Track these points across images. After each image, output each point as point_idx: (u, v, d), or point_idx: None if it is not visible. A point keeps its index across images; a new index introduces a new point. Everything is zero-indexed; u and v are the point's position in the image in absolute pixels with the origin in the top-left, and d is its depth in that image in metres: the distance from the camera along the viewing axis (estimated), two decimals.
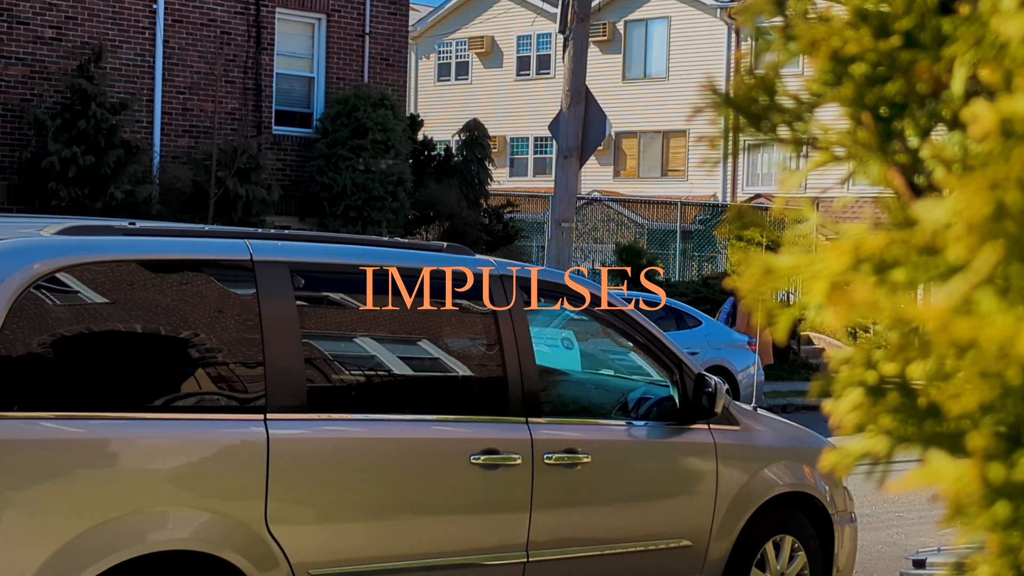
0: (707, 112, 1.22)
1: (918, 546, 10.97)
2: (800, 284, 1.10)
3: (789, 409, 21.33)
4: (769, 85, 1.19)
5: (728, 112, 1.20)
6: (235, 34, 21.88)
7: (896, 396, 1.09)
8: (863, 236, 1.07)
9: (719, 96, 1.18)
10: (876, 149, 1.10)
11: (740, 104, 1.18)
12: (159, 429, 5.30)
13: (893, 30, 1.09)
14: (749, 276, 1.13)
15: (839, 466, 1.18)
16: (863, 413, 1.11)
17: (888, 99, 1.10)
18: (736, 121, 1.21)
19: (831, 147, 1.13)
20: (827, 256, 1.08)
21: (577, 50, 18.13)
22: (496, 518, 6.26)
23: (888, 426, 1.11)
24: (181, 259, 5.59)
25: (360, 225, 21.49)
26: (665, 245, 32.05)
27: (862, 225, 1.10)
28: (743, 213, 1.18)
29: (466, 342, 6.74)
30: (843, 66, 1.12)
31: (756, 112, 1.17)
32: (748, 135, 1.23)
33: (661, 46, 41.41)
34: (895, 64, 1.09)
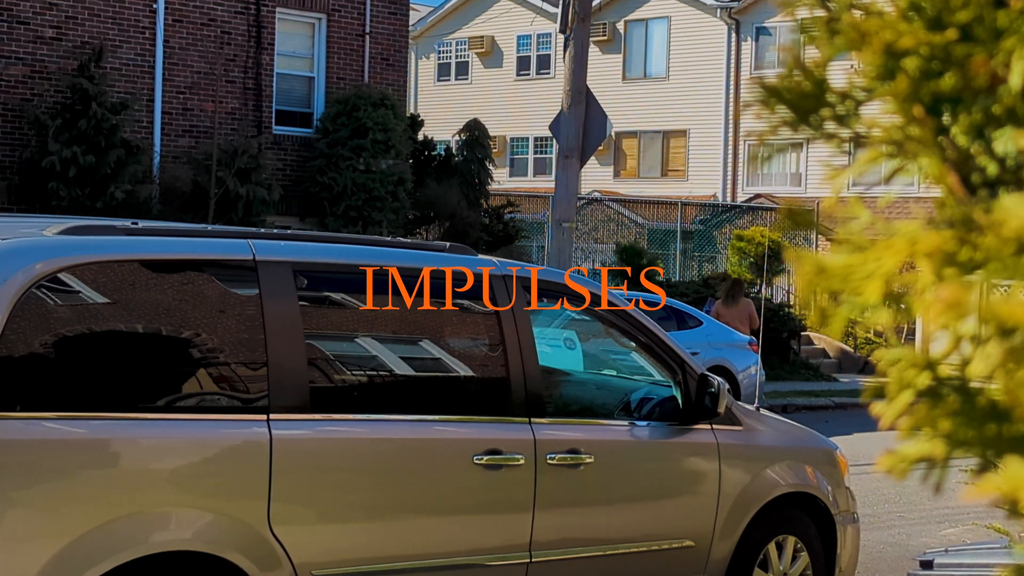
0: (755, 107, 1.19)
1: (920, 546, 10.96)
2: (853, 284, 1.08)
3: (789, 409, 21.32)
4: (818, 79, 1.17)
5: (774, 107, 1.18)
6: (235, 34, 21.86)
7: (955, 399, 1.06)
8: (918, 234, 1.05)
9: (768, 90, 1.16)
10: (931, 145, 1.08)
11: (790, 99, 1.16)
12: (162, 429, 5.29)
13: (948, 23, 1.07)
14: (802, 275, 1.11)
15: (895, 470, 1.15)
16: (919, 416, 1.09)
17: (942, 94, 1.08)
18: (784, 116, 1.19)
19: (883, 143, 1.11)
20: (881, 255, 1.06)
21: (578, 50, 18.11)
22: (499, 518, 6.25)
23: (946, 429, 1.08)
24: (184, 259, 5.58)
25: (360, 225, 21.47)
26: (665, 245, 32.03)
27: (915, 223, 1.08)
28: (793, 213, 1.16)
29: (469, 342, 6.73)
30: (896, 60, 1.10)
31: (806, 107, 1.15)
32: (797, 131, 1.21)
33: (661, 46, 41.39)
34: (950, 58, 1.07)
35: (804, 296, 1.13)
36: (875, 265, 1.08)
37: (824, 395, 23.93)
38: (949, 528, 11.98)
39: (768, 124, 1.19)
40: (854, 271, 1.08)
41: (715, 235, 33.17)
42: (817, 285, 1.10)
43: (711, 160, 40.12)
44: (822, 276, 1.09)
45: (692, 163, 40.67)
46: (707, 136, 40.19)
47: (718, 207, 35.30)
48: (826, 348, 29.39)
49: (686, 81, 40.49)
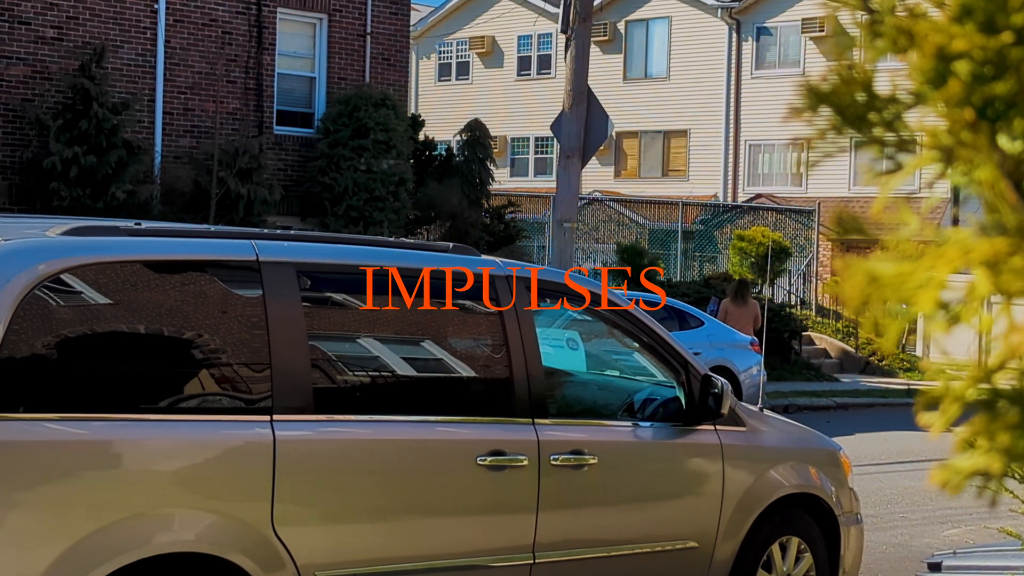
0: (802, 112, 1.17)
1: (923, 547, 10.95)
2: (906, 294, 1.05)
3: (791, 409, 21.31)
4: (867, 82, 1.14)
5: (815, 109, 1.15)
6: (236, 34, 21.84)
7: (1017, 412, 1.04)
8: (971, 242, 1.03)
9: (816, 94, 1.14)
10: (986, 150, 1.06)
11: (839, 103, 1.14)
12: (165, 430, 5.27)
13: (1003, 26, 1.05)
14: (854, 285, 1.08)
15: (949, 484, 1.13)
16: (976, 428, 1.07)
17: (996, 98, 1.06)
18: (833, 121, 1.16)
19: (934, 148, 1.08)
20: (934, 264, 1.04)
21: (579, 50, 18.10)
22: (502, 519, 6.24)
23: (1005, 443, 1.06)
24: (187, 260, 5.56)
25: (361, 225, 21.45)
26: (666, 245, 32.02)
27: (966, 230, 1.05)
28: (843, 219, 1.14)
29: (472, 343, 6.72)
30: (946, 64, 1.07)
31: (855, 111, 1.13)
32: (845, 135, 1.18)
33: (662, 46, 41.37)
34: (1005, 62, 1.05)
35: (855, 306, 1.10)
36: (928, 274, 1.05)
37: (826, 395, 23.91)
38: (952, 529, 11.97)
39: (816, 129, 1.17)
40: (907, 280, 1.05)
41: (716, 235, 33.16)
42: (869, 295, 1.08)
43: (712, 160, 40.10)
44: (874, 285, 1.06)
45: (693, 163, 40.65)
46: (708, 136, 40.16)
47: (719, 207, 35.28)
48: (827, 348, 29.37)
49: (687, 81, 40.47)
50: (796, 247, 32.33)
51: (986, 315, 1.07)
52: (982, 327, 1.06)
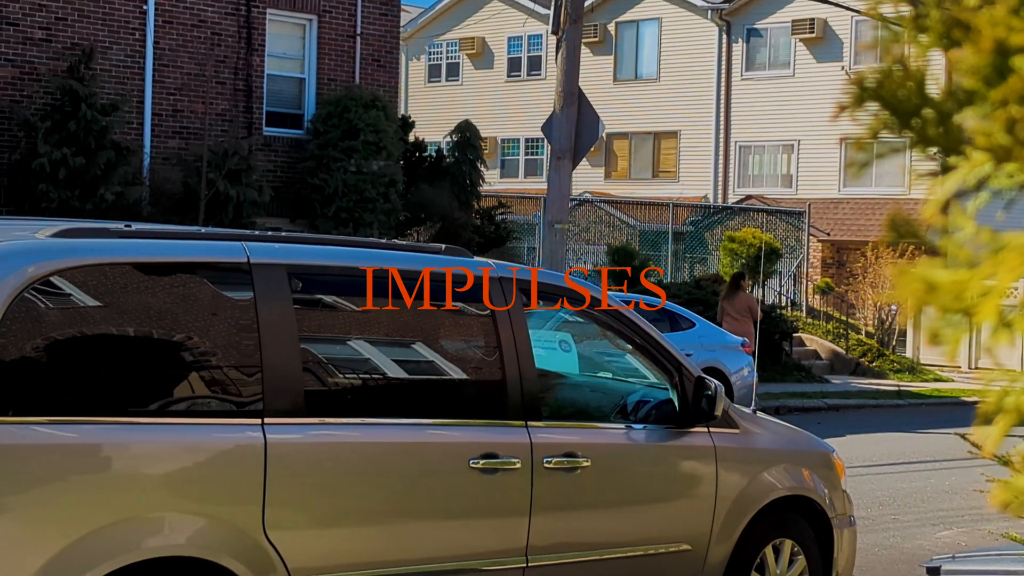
0: (850, 110, 1.12)
1: (915, 549, 10.93)
2: (967, 303, 1.01)
3: (782, 411, 21.29)
4: (919, 79, 1.10)
5: (862, 104, 1.11)
6: (225, 35, 21.78)
7: None
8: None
9: (866, 91, 1.10)
10: None
11: (890, 100, 1.09)
12: (155, 434, 5.24)
13: None
14: (911, 293, 1.04)
15: (1013, 505, 1.08)
16: None
17: None
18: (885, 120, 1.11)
19: (987, 148, 1.04)
20: (995, 271, 1.00)
21: (570, 51, 18.08)
22: (495, 523, 6.21)
23: None
24: (177, 262, 5.52)
25: (351, 227, 21.40)
26: (657, 246, 32.00)
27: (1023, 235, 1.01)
28: (897, 223, 1.10)
29: (465, 345, 6.68)
30: (1005, 59, 1.03)
31: (907, 109, 1.09)
32: (894, 134, 1.14)
33: (652, 47, 41.36)
34: None
35: (912, 314, 1.06)
36: (988, 282, 1.01)
37: (816, 397, 23.91)
38: (944, 531, 11.96)
39: (867, 128, 1.12)
40: (966, 288, 1.01)
41: (706, 236, 33.15)
42: (927, 302, 1.03)
43: (702, 161, 40.10)
44: (932, 294, 1.02)
45: (683, 164, 40.65)
46: (698, 137, 40.16)
47: (709, 208, 35.27)
48: (818, 350, 29.37)
49: (677, 82, 40.47)
50: (786, 248, 32.34)
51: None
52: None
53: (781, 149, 38.78)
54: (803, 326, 30.14)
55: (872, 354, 29.53)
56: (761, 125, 38.72)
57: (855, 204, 36.82)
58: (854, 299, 32.37)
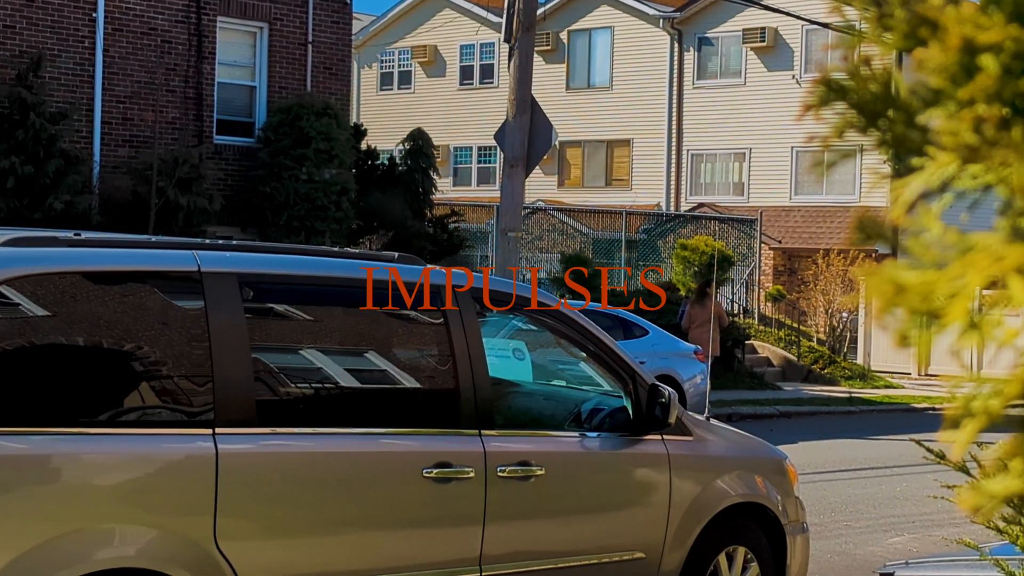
0: (817, 109, 1.11)
1: (867, 555, 10.99)
2: (936, 304, 0.99)
3: (735, 418, 21.36)
4: (885, 78, 1.09)
5: (825, 106, 1.10)
6: (176, 43, 21.66)
7: None
8: (1003, 249, 0.97)
9: (833, 90, 1.08)
10: (1020, 149, 1.00)
11: (856, 99, 1.08)
12: (105, 444, 5.18)
13: None
14: (880, 295, 1.02)
15: (982, 510, 1.06)
16: (1010, 450, 1.01)
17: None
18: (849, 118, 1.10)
19: (954, 148, 1.03)
20: (963, 272, 0.98)
21: (522, 59, 18.08)
22: (449, 532, 6.18)
23: None
24: (127, 271, 5.47)
25: (303, 235, 21.31)
26: (610, 254, 32.06)
27: (994, 236, 1.00)
28: (864, 224, 1.08)
29: (418, 354, 6.66)
30: (972, 58, 1.02)
31: (874, 108, 1.07)
32: (860, 134, 1.12)
33: (604, 56, 41.46)
34: None
35: (880, 317, 1.05)
36: (958, 284, 1.00)
37: (769, 403, 24.01)
38: (896, 537, 12.02)
39: (832, 128, 1.11)
40: (935, 290, 0.99)
41: (659, 244, 33.24)
42: (896, 304, 1.02)
43: (655, 169, 40.22)
44: (901, 295, 1.01)
45: (636, 172, 40.75)
46: (651, 146, 40.28)
47: (662, 216, 35.37)
48: (770, 357, 29.50)
49: (630, 91, 40.58)
50: (739, 256, 32.46)
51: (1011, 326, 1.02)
52: (1006, 339, 1.01)
53: (733, 157, 38.95)
54: (755, 333, 30.27)
55: (824, 361, 29.69)
56: (713, 133, 38.89)
57: (806, 212, 37.03)
58: (806, 306, 32.55)
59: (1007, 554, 3.97)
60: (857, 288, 24.44)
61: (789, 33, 37.27)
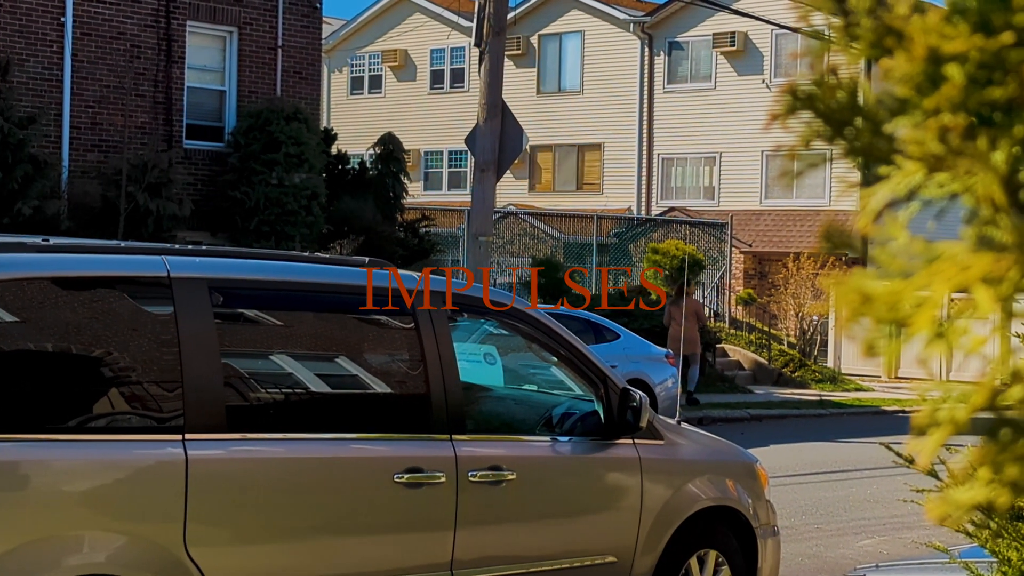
0: (784, 118, 1.11)
1: (838, 558, 11.02)
2: (902, 313, 0.99)
3: (706, 421, 21.40)
4: (851, 87, 1.09)
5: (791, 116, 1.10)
6: (145, 47, 21.57)
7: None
8: (968, 258, 0.97)
9: (800, 99, 1.08)
10: (986, 160, 1.00)
11: (823, 108, 1.08)
12: (74, 451, 5.16)
13: (1001, 26, 0.99)
14: (847, 304, 1.02)
15: (949, 520, 1.06)
16: (978, 458, 1.01)
17: (995, 104, 1.01)
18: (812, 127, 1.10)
19: (920, 158, 1.03)
20: (929, 281, 0.99)
21: (493, 64, 18.09)
22: (420, 537, 6.17)
23: (1014, 476, 1.00)
24: (96, 276, 5.45)
25: (273, 240, 21.25)
26: (582, 258, 32.07)
27: (960, 245, 1.00)
28: (831, 233, 1.08)
29: (388, 359, 6.65)
30: (938, 67, 1.02)
31: (841, 118, 1.07)
32: (827, 143, 1.12)
33: (575, 60, 41.51)
34: (1003, 64, 1.00)
35: (847, 325, 1.05)
36: (924, 293, 1.00)
37: (740, 407, 24.06)
38: (866, 540, 12.06)
39: (800, 137, 1.11)
40: (901, 299, 0.99)
41: (631, 248, 33.27)
42: (863, 313, 1.02)
43: (626, 174, 40.28)
44: (868, 305, 1.01)
45: (607, 177, 40.80)
46: (622, 150, 40.34)
47: (633, 220, 35.41)
48: (741, 360, 29.56)
49: (600, 95, 40.63)
50: (709, 260, 32.54)
51: (977, 335, 1.02)
52: (972, 347, 1.01)
53: (703, 161, 39.04)
54: (726, 337, 30.33)
55: (794, 364, 29.78)
56: (684, 137, 38.98)
57: (777, 216, 37.14)
58: (776, 310, 32.63)
59: (975, 557, 3.99)
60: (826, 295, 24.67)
61: (759, 38, 37.39)
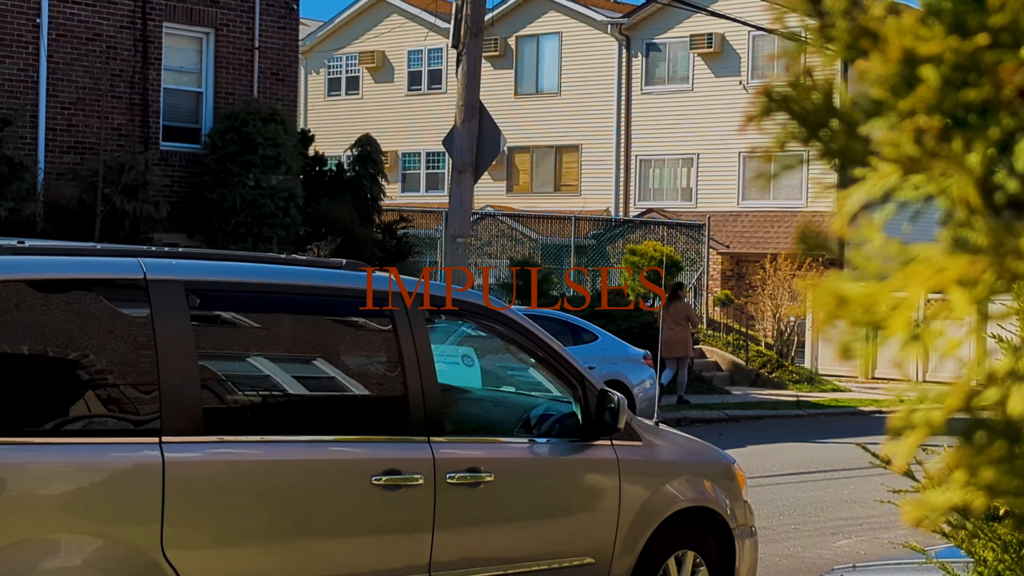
0: (759, 120, 1.11)
1: (816, 558, 11.05)
2: (878, 316, 0.99)
3: (683, 422, 21.43)
4: (826, 89, 1.09)
5: (767, 117, 1.10)
6: (121, 48, 21.50)
7: (1003, 445, 0.98)
8: (944, 260, 0.97)
9: (775, 100, 1.08)
10: (960, 161, 1.00)
11: (798, 110, 1.08)
12: (51, 454, 5.14)
13: (976, 27, 0.99)
14: (823, 306, 1.02)
15: (925, 523, 1.06)
16: (953, 461, 1.01)
17: (970, 106, 1.01)
18: None
19: (896, 160, 1.03)
20: (904, 284, 0.98)
21: (471, 65, 18.08)
22: (398, 539, 6.16)
23: (989, 479, 1.00)
24: (72, 278, 5.43)
25: (251, 242, 21.20)
26: (559, 260, 32.09)
27: (935, 247, 1.00)
28: (806, 235, 1.08)
29: (366, 360, 6.64)
30: (913, 69, 1.02)
31: (816, 119, 1.07)
32: (802, 145, 1.12)
33: (553, 62, 41.53)
34: (978, 66, 1.00)
35: (823, 328, 1.05)
36: (900, 295, 1.00)
37: (717, 408, 24.10)
38: (844, 540, 12.09)
39: (775, 139, 1.11)
40: (877, 301, 0.99)
41: (608, 250, 33.30)
42: (839, 316, 1.02)
43: (604, 175, 40.32)
44: (844, 308, 1.01)
45: (585, 178, 40.84)
46: (599, 151, 40.38)
47: (611, 222, 35.44)
48: (718, 361, 29.62)
49: (578, 96, 40.67)
50: (687, 261, 32.59)
51: (952, 337, 1.02)
52: (947, 349, 1.01)
53: (681, 163, 39.11)
54: (704, 338, 30.38)
55: (772, 365, 29.84)
56: (661, 139, 39.04)
57: (754, 217, 37.23)
58: (753, 311, 32.71)
59: (952, 557, 4.01)
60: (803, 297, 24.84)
61: (736, 39, 37.47)
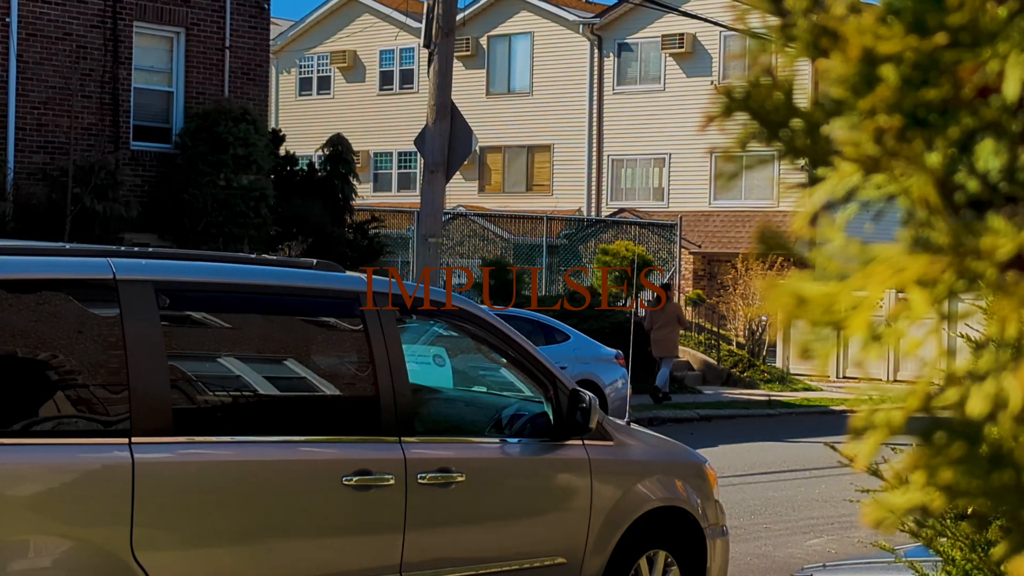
0: (721, 120, 1.11)
1: (787, 557, 11.08)
2: (837, 316, 0.99)
3: (655, 422, 21.47)
4: (788, 89, 1.09)
5: (728, 117, 1.09)
6: (91, 48, 21.40)
7: (961, 446, 0.98)
8: (903, 260, 0.97)
9: (735, 100, 1.08)
10: (920, 161, 1.00)
11: (758, 109, 1.08)
12: (18, 455, 5.11)
13: (935, 27, 1.00)
14: (782, 307, 1.02)
15: (885, 524, 1.06)
16: (915, 462, 1.01)
17: (930, 105, 1.01)
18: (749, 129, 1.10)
19: (856, 159, 1.03)
20: (864, 284, 0.98)
21: (442, 65, 18.07)
22: (369, 540, 6.16)
23: (948, 480, 1.00)
24: (41, 279, 5.40)
25: (221, 242, 21.13)
26: (532, 260, 32.10)
27: (895, 247, 1.00)
28: (766, 235, 1.08)
29: (337, 361, 6.62)
30: (873, 68, 1.02)
31: (776, 119, 1.07)
32: (764, 145, 1.12)
33: (524, 61, 41.55)
34: (937, 65, 1.00)
35: (783, 328, 1.05)
36: (859, 296, 1.00)
37: (689, 407, 24.15)
38: (815, 539, 12.13)
39: (736, 139, 1.11)
40: (836, 301, 1.00)
41: (580, 249, 33.34)
42: (798, 316, 1.02)
43: (576, 175, 40.36)
44: (803, 308, 1.01)
45: (557, 178, 40.87)
46: (571, 151, 40.42)
47: (583, 221, 35.48)
48: (690, 361, 29.68)
49: (550, 96, 40.70)
50: (659, 260, 32.64)
51: (913, 337, 1.03)
52: (908, 349, 1.01)
53: (653, 163, 39.18)
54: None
55: (743, 364, 29.92)
56: (633, 139, 39.10)
57: (725, 216, 37.32)
58: (725, 310, 32.79)
59: (920, 555, 4.03)
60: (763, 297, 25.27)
61: (707, 39, 37.55)
